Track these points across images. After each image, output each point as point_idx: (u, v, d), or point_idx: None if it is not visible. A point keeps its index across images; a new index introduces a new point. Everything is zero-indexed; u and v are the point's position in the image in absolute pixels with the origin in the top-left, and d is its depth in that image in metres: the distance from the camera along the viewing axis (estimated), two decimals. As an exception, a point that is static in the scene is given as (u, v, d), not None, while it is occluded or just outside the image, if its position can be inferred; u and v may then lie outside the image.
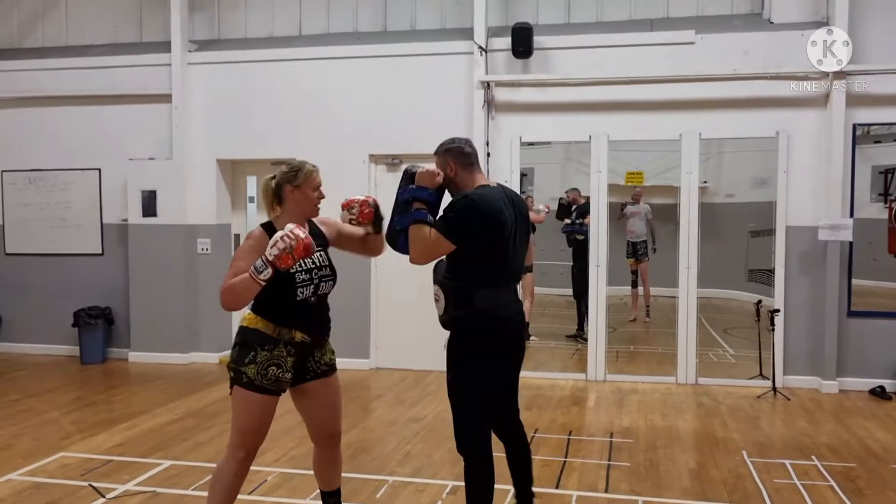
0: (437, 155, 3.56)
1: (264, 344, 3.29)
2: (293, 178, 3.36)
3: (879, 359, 7.00)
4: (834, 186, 6.97)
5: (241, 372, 3.28)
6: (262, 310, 3.32)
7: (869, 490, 4.55)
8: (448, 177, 3.48)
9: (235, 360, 3.31)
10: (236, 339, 3.37)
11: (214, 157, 8.23)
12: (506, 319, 3.43)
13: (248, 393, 3.28)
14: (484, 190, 3.43)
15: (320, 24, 8.24)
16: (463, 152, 3.52)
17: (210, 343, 8.30)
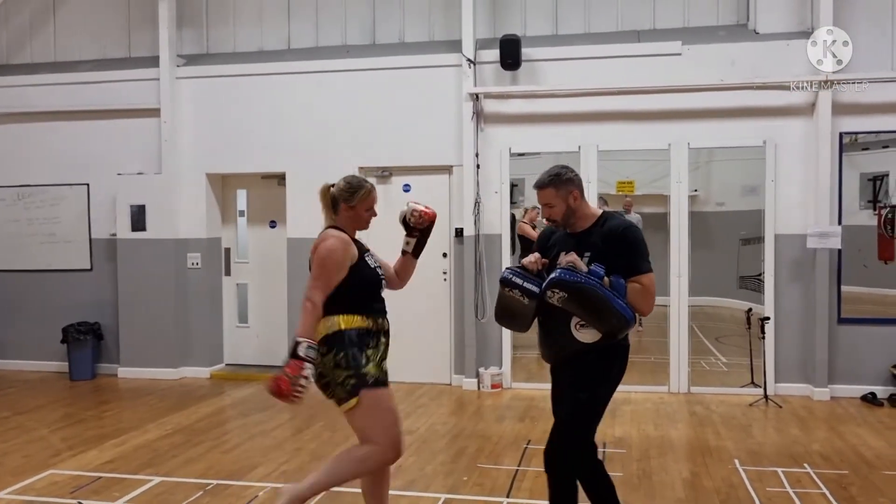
0: (554, 187, 3.36)
1: (368, 341, 3.35)
2: (349, 199, 3.44)
3: (870, 365, 7.02)
4: (822, 194, 7.01)
5: (363, 375, 3.29)
6: (353, 306, 3.35)
7: (861, 497, 4.55)
8: (571, 207, 3.38)
9: (351, 366, 3.28)
10: (332, 347, 3.30)
11: (204, 172, 8.22)
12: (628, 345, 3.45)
13: (378, 390, 3.31)
14: (619, 216, 3.46)
15: (309, 39, 8.25)
16: (580, 180, 3.46)
17: (201, 358, 8.26)
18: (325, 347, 3.30)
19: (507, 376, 7.60)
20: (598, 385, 3.35)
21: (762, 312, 7.15)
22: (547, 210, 3.40)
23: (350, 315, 3.33)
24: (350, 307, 3.34)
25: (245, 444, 5.81)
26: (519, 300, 3.31)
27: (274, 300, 8.27)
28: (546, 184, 3.37)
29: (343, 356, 3.28)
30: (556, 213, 3.38)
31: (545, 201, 3.39)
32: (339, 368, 3.28)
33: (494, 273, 7.56)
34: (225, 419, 6.68)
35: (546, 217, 3.44)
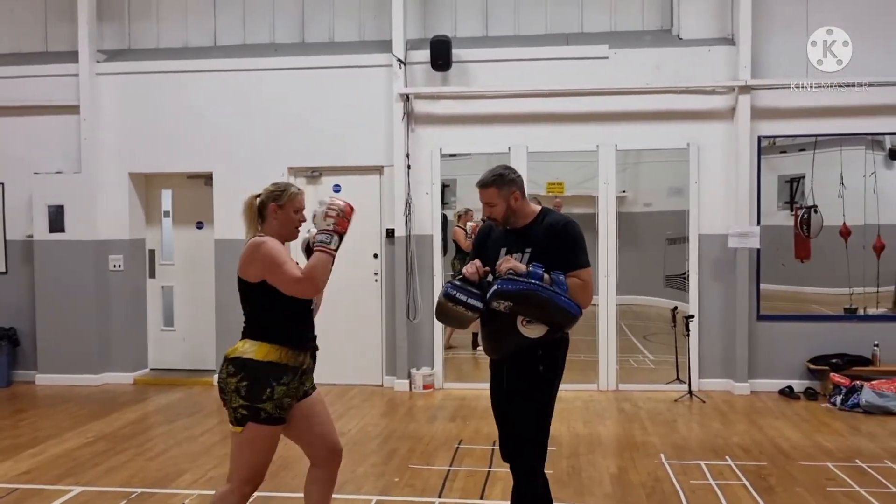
0: (496, 186, 3.37)
1: (281, 377, 3.17)
2: (278, 198, 3.32)
3: (787, 360, 7.29)
4: (742, 195, 7.24)
5: (258, 409, 3.13)
6: (272, 334, 3.21)
7: (779, 487, 4.72)
8: (512, 207, 3.39)
9: (248, 397, 3.12)
10: (238, 372, 3.15)
11: (126, 171, 7.98)
12: None
13: (265, 428, 3.17)
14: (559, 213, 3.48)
15: (236, 36, 8.10)
16: (522, 180, 3.46)
17: (123, 363, 8.01)
18: (232, 368, 3.17)
19: (439, 377, 7.61)
20: (550, 382, 3.41)
21: (687, 311, 7.35)
22: (488, 209, 3.42)
23: (269, 345, 3.19)
24: (271, 335, 3.21)
25: (171, 450, 5.66)
26: (463, 312, 3.31)
27: (201, 303, 8.08)
28: (489, 183, 3.39)
29: (245, 386, 3.14)
30: (497, 212, 3.41)
31: (487, 200, 3.41)
32: (238, 395, 3.15)
33: (426, 274, 7.57)
34: (150, 425, 6.49)
35: (487, 215, 3.46)
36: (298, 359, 3.26)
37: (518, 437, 3.42)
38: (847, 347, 7.17)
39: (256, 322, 3.25)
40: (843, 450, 5.47)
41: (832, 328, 7.32)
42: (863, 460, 5.20)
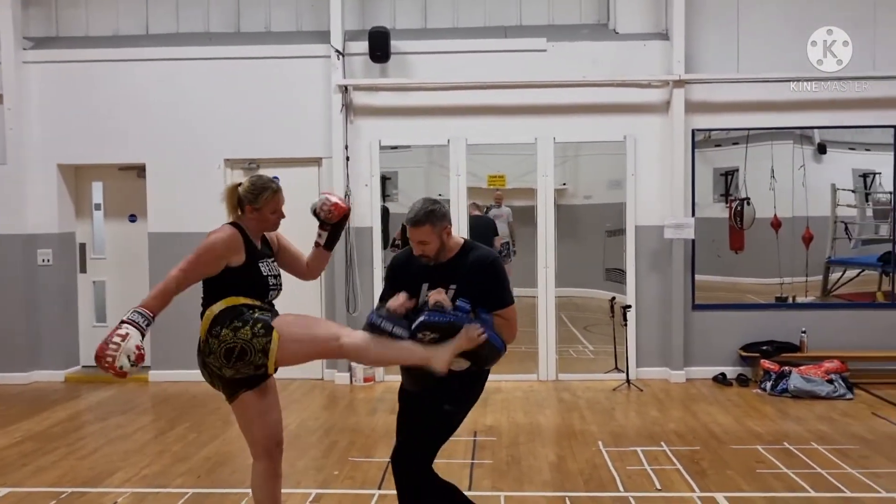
0: (431, 224, 3.21)
1: (252, 309, 3.21)
2: (254, 201, 3.31)
3: (721, 348, 7.48)
4: (677, 188, 7.39)
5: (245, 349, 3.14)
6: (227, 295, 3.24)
7: (711, 470, 4.84)
8: (444, 242, 3.27)
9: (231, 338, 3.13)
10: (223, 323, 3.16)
11: (55, 162, 7.72)
12: None
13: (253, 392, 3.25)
14: (481, 246, 3.40)
15: (169, 24, 7.90)
16: (449, 214, 3.36)
17: (54, 360, 7.77)
18: (217, 328, 3.19)
19: (380, 369, 7.57)
20: (462, 402, 3.39)
21: (625, 301, 7.47)
22: (420, 247, 3.26)
23: (232, 297, 3.24)
24: (227, 294, 3.25)
25: (103, 448, 5.51)
26: None
27: (134, 298, 7.66)
28: (423, 221, 3.21)
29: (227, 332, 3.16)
30: (431, 249, 3.25)
31: (420, 238, 3.23)
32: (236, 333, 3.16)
33: (366, 266, 7.53)
34: (81, 423, 6.30)
35: (419, 253, 3.28)
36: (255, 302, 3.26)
37: (411, 444, 3.36)
38: (777, 335, 7.39)
39: (222, 287, 3.25)
40: (773, 433, 5.64)
41: (763, 316, 7.54)
42: (790, 443, 5.37)
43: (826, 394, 6.63)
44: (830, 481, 4.60)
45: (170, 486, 4.71)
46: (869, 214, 7.82)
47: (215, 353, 3.16)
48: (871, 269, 7.68)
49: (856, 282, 7.70)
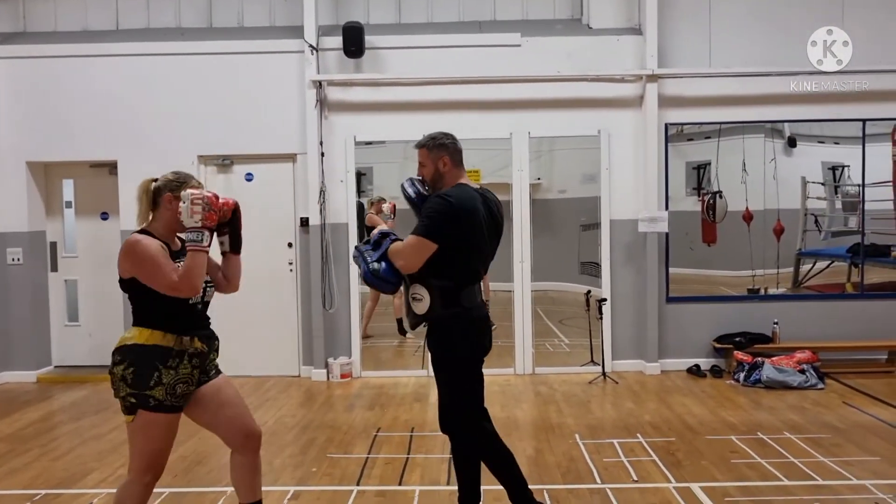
0: (427, 148, 3.55)
1: (166, 360, 3.10)
2: (175, 189, 3.18)
3: (695, 340, 7.57)
4: (650, 181, 7.45)
5: (146, 396, 3.07)
6: (154, 321, 3.12)
7: (687, 461, 4.90)
8: (440, 171, 3.53)
9: (135, 384, 3.06)
10: (123, 360, 3.10)
11: (23, 160, 7.60)
12: (484, 317, 3.59)
13: (157, 415, 3.10)
14: (461, 189, 3.46)
15: (139, 19, 7.81)
16: (457, 149, 3.59)
17: (25, 360, 7.67)
18: (118, 357, 3.13)
19: (357, 365, 7.57)
20: (449, 359, 3.51)
21: (600, 294, 7.53)
22: (420, 169, 3.58)
23: (150, 329, 3.11)
24: (151, 320, 3.12)
25: (77, 449, 5.45)
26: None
27: (107, 296, 7.78)
28: (421, 144, 3.57)
29: (131, 372, 3.08)
30: (426, 172, 3.56)
31: (419, 160, 3.58)
32: (125, 384, 3.09)
33: (342, 263, 7.51)
34: (54, 424, 6.23)
35: (418, 175, 3.60)
36: (184, 342, 3.15)
37: (440, 405, 3.61)
38: (749, 326, 7.49)
39: (139, 309, 3.16)
40: (746, 423, 5.72)
41: (736, 308, 7.63)
42: (764, 433, 5.45)
43: (798, 384, 6.73)
44: (803, 470, 4.68)
45: (146, 485, 4.66)
46: (838, 207, 7.94)
47: (114, 381, 3.16)
48: (840, 261, 7.81)
49: (825, 273, 7.83)
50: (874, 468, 4.71)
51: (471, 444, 3.62)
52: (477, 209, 3.45)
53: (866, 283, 7.65)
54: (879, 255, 7.67)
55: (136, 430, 3.13)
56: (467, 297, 3.46)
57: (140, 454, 3.15)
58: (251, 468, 3.42)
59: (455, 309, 3.44)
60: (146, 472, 3.16)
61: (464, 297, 3.44)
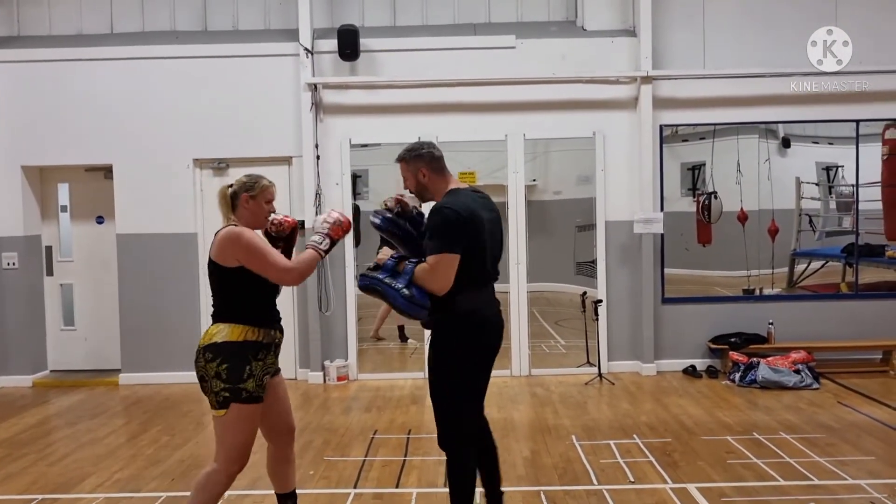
0: (405, 161, 3.54)
1: (257, 353, 3.32)
2: (250, 189, 3.43)
3: (690, 340, 7.59)
4: (645, 182, 7.47)
5: (240, 390, 3.27)
6: (243, 317, 3.32)
7: (683, 462, 4.91)
8: (421, 182, 3.52)
9: (229, 379, 3.25)
10: (216, 356, 3.26)
11: (19, 164, 7.59)
12: (486, 320, 3.51)
13: (248, 407, 3.30)
14: (457, 196, 3.44)
15: (134, 23, 7.81)
16: (434, 157, 3.53)
17: (21, 365, 7.66)
18: (210, 354, 3.29)
19: (354, 368, 7.58)
20: (444, 362, 3.49)
21: (596, 296, 7.55)
22: (404, 182, 3.58)
23: (240, 325, 3.31)
24: (243, 317, 3.32)
25: (74, 453, 5.44)
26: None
27: (103, 300, 7.79)
28: (400, 158, 3.56)
29: (225, 368, 3.26)
30: (410, 185, 3.56)
31: (401, 174, 3.58)
32: (219, 379, 3.27)
33: (338, 266, 7.52)
34: (50, 429, 6.22)
35: (404, 188, 3.61)
36: (270, 335, 3.39)
37: (436, 419, 3.59)
38: (745, 327, 7.51)
39: (228, 305, 3.36)
40: (742, 424, 5.74)
41: (731, 309, 7.65)
42: (759, 433, 5.47)
43: (793, 384, 6.75)
44: (799, 470, 4.69)
45: (143, 490, 4.67)
46: (832, 207, 7.97)
47: (207, 378, 3.32)
48: (834, 261, 7.83)
49: (820, 273, 7.86)
50: (869, 468, 4.73)
51: (466, 460, 3.55)
52: (477, 213, 3.42)
53: (861, 283, 7.69)
54: (874, 255, 7.70)
55: (228, 422, 3.30)
56: (465, 301, 3.41)
57: (230, 446, 3.32)
58: (287, 460, 3.66)
59: (448, 314, 3.42)
60: (234, 463, 3.35)
61: (460, 301, 3.40)
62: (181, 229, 7.55)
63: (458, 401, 3.51)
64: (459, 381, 3.49)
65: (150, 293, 7.47)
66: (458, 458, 3.54)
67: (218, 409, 3.30)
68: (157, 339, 7.47)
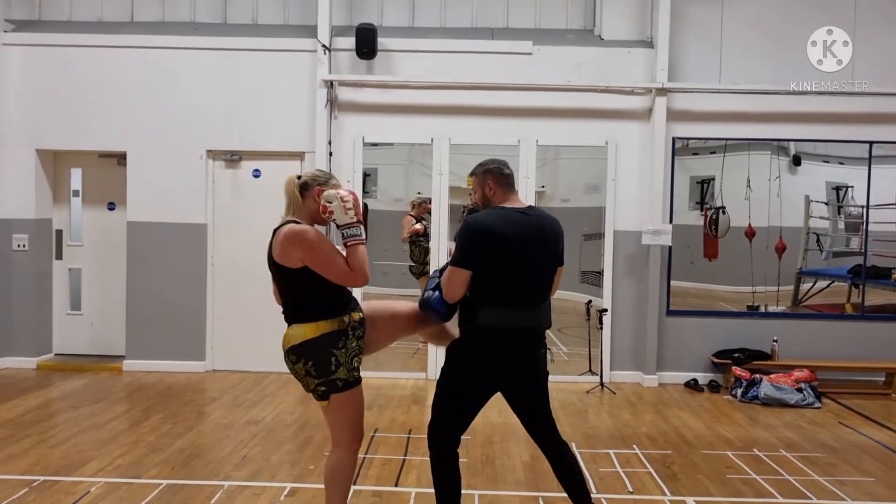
0: (476, 175, 3.63)
1: (337, 343, 3.32)
2: (325, 182, 3.43)
3: (693, 354, 7.59)
4: (656, 194, 7.48)
5: (333, 381, 3.32)
6: (315, 313, 3.32)
7: (682, 474, 4.92)
8: (487, 196, 3.58)
9: (319, 374, 3.30)
10: (300, 357, 3.31)
11: (34, 147, 7.64)
12: (507, 340, 3.43)
13: (347, 393, 3.36)
14: (492, 211, 3.49)
15: (154, 12, 7.85)
16: (503, 173, 3.59)
17: (26, 347, 7.69)
18: (294, 356, 3.34)
19: (357, 366, 7.58)
20: (450, 364, 3.55)
21: (601, 305, 7.56)
22: (472, 195, 3.68)
23: (315, 323, 3.31)
24: (314, 314, 3.33)
25: (76, 437, 5.47)
26: None
27: (111, 286, 7.83)
28: (472, 173, 3.65)
29: (311, 366, 3.30)
30: (476, 199, 3.64)
31: (472, 187, 3.66)
32: (311, 377, 3.33)
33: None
34: (53, 412, 6.25)
35: (471, 201, 3.72)
36: (344, 321, 3.35)
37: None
38: (748, 342, 7.51)
39: (298, 305, 3.37)
40: (742, 439, 5.75)
41: (735, 324, 7.65)
42: (760, 449, 5.48)
43: (795, 402, 6.75)
44: (798, 488, 4.70)
45: (143, 476, 4.70)
46: (841, 227, 7.97)
47: (301, 378, 3.39)
48: (840, 281, 7.84)
49: (825, 293, 7.86)
50: (869, 489, 4.73)
51: (438, 461, 3.60)
52: (498, 231, 3.36)
53: (866, 305, 7.68)
54: (880, 277, 7.70)
55: (333, 411, 3.39)
56: (487, 316, 3.38)
57: (342, 428, 3.43)
58: None
59: (468, 325, 3.45)
60: (353, 441, 3.47)
61: (482, 316, 3.39)
62: (192, 219, 7.58)
63: (448, 405, 3.56)
64: (456, 388, 3.53)
65: (158, 282, 7.51)
66: (433, 458, 3.62)
67: (321, 401, 3.38)
68: (163, 328, 7.51)
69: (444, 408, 3.57)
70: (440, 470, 3.60)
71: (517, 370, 3.51)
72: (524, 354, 3.50)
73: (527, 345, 3.50)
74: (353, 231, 3.27)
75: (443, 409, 3.57)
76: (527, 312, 3.45)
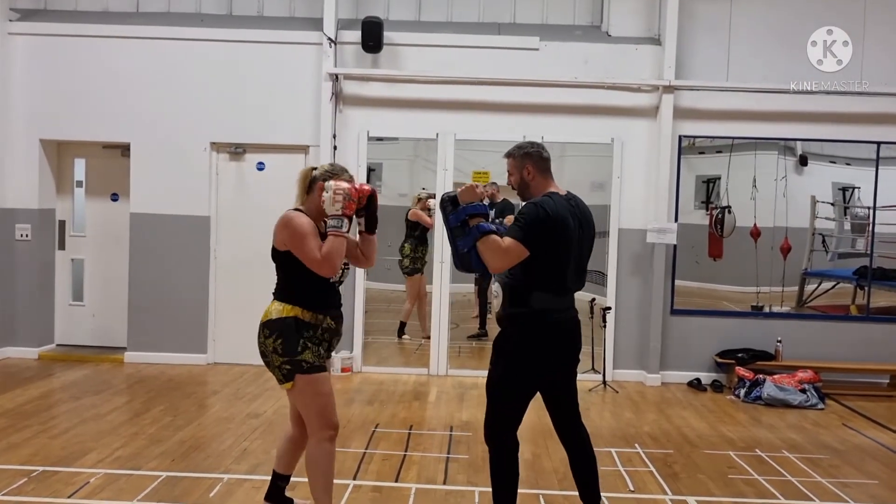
0: (513, 157, 3.63)
1: (308, 331, 3.46)
2: (328, 178, 3.52)
3: (697, 354, 7.56)
4: (661, 192, 7.44)
5: (298, 361, 3.43)
6: (297, 298, 3.48)
7: (684, 474, 4.89)
8: (525, 180, 3.60)
9: (286, 352, 3.42)
10: (272, 332, 3.45)
11: (38, 137, 7.62)
12: (559, 323, 3.51)
13: (313, 376, 3.45)
14: (553, 198, 3.48)
15: (160, 3, 7.82)
16: (542, 157, 3.61)
17: (28, 337, 7.69)
18: (267, 330, 3.48)
19: (358, 360, 7.57)
20: (504, 355, 3.53)
21: (605, 303, 7.52)
22: (508, 177, 3.68)
23: (293, 306, 3.47)
24: (294, 298, 3.49)
25: (76, 428, 5.46)
26: None
27: (113, 277, 7.81)
28: (509, 154, 3.67)
29: (280, 343, 3.43)
30: (513, 181, 3.66)
31: (507, 169, 3.67)
32: (277, 354, 3.44)
33: (349, 256, 7.49)
34: (54, 402, 6.24)
35: (507, 183, 3.71)
36: (318, 318, 3.50)
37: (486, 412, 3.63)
38: (752, 343, 7.47)
39: (284, 285, 3.54)
40: (745, 440, 5.72)
41: (739, 324, 7.61)
42: (762, 450, 5.45)
43: (798, 403, 6.72)
44: (800, 489, 4.67)
45: (143, 468, 4.68)
46: (847, 228, 7.93)
47: (267, 353, 3.50)
48: (846, 283, 7.79)
49: (830, 294, 7.82)
50: (872, 491, 4.70)
51: (500, 457, 3.59)
52: (567, 220, 3.43)
53: (872, 307, 7.64)
54: (886, 278, 7.66)
55: (297, 393, 3.48)
56: (539, 300, 3.43)
57: (312, 414, 3.50)
58: (302, 448, 3.74)
59: (521, 308, 3.45)
60: (325, 429, 3.51)
61: (535, 299, 3.42)
62: (195, 211, 7.56)
63: (503, 398, 3.54)
64: (510, 377, 3.51)
65: (161, 273, 7.49)
66: (493, 454, 3.60)
67: (284, 382, 3.46)
68: (165, 320, 7.50)
69: (500, 402, 3.55)
70: (502, 467, 3.59)
71: (566, 353, 3.61)
72: (573, 337, 3.63)
73: (575, 328, 3.63)
74: (334, 223, 3.41)
75: (499, 403, 3.55)
76: (571, 297, 3.60)
